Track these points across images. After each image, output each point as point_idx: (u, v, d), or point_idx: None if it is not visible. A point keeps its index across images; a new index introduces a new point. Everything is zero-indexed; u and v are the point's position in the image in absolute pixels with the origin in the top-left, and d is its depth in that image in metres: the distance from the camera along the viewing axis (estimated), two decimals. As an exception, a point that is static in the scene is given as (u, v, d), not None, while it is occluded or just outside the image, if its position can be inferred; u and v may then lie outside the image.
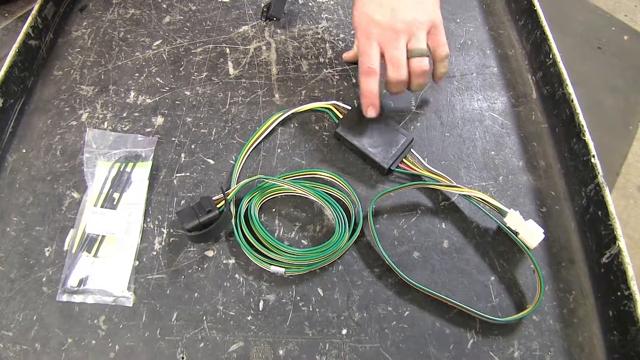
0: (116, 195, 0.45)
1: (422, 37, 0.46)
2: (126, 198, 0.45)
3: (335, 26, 0.61)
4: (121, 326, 0.40)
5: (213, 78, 0.55)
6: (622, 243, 0.41)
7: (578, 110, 0.49)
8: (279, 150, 0.50)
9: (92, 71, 0.55)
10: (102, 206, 0.45)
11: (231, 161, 0.49)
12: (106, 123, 0.51)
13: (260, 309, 0.41)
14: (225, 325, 0.40)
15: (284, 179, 0.45)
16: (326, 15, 0.62)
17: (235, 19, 0.61)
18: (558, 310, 0.42)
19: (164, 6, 0.62)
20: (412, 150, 0.49)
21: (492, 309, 0.42)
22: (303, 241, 0.45)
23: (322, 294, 0.42)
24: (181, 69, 0.56)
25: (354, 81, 0.55)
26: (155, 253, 0.43)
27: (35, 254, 0.43)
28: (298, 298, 0.42)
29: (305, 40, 0.59)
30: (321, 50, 0.58)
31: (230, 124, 0.51)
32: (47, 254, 0.43)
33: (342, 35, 0.60)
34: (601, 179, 0.44)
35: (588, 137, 0.47)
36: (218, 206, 0.43)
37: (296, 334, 0.40)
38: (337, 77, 0.56)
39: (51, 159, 0.48)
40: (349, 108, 0.51)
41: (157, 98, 0.53)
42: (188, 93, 0.54)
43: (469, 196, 0.45)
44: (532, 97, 0.56)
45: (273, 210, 0.46)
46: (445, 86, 0.56)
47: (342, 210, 0.45)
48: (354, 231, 0.44)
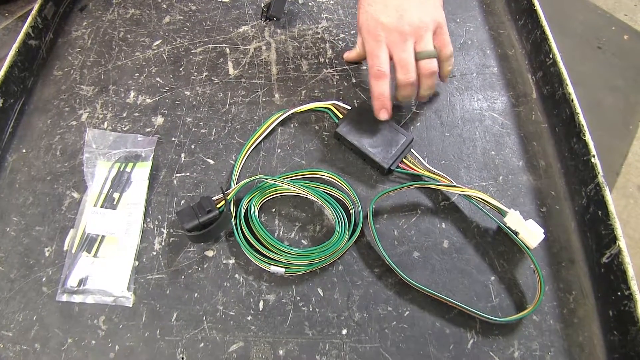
0: (116, 195, 0.45)
1: (429, 39, 0.47)
2: (126, 198, 0.45)
3: (335, 26, 0.61)
4: (121, 326, 0.40)
5: (213, 78, 0.55)
6: (622, 243, 0.41)
7: (578, 110, 0.49)
8: (279, 150, 0.50)
9: (92, 71, 0.55)
10: (102, 206, 0.45)
11: (231, 161, 0.49)
12: (106, 123, 0.51)
13: (260, 309, 0.41)
14: (225, 325, 0.40)
15: (284, 179, 0.45)
16: (326, 15, 0.62)
17: (235, 19, 0.61)
18: (558, 310, 0.42)
19: (164, 6, 0.62)
20: (412, 150, 0.49)
21: (492, 309, 0.42)
22: (303, 241, 0.44)
23: (322, 294, 0.42)
24: (181, 69, 0.56)
25: (354, 81, 0.55)
26: (155, 253, 0.43)
27: (35, 254, 0.43)
28: (298, 298, 0.42)
29: (305, 40, 0.59)
30: (321, 50, 0.58)
31: (230, 124, 0.51)
32: (47, 254, 0.43)
33: (342, 35, 0.60)
34: (601, 179, 0.44)
35: (588, 137, 0.47)
36: (218, 206, 0.43)
37: (296, 334, 0.40)
38: (337, 77, 0.56)
39: (51, 159, 0.48)
40: (349, 108, 0.51)
41: (157, 98, 0.53)
42: (188, 93, 0.54)
43: (469, 196, 0.45)
44: (532, 97, 0.55)
45: (273, 210, 0.46)
46: (445, 86, 0.56)
47: (342, 210, 0.45)
48: (354, 231, 0.44)
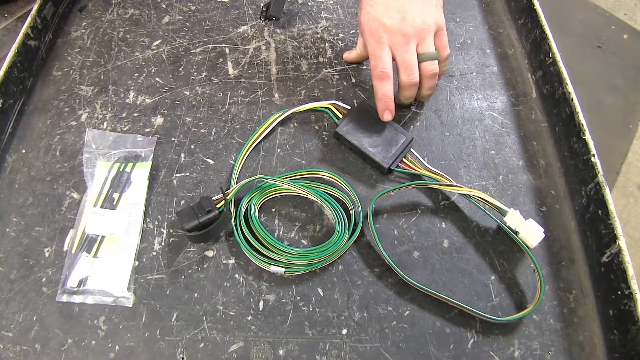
0: (116, 195, 0.45)
1: (431, 41, 0.48)
2: (126, 198, 0.45)
3: (334, 26, 0.60)
4: (121, 326, 0.40)
5: (212, 78, 0.55)
6: (623, 242, 0.41)
7: (578, 109, 0.49)
8: (279, 150, 0.50)
9: (92, 71, 0.55)
10: (102, 206, 0.45)
11: (231, 161, 0.49)
12: (106, 123, 0.51)
13: (260, 309, 0.41)
14: (225, 325, 0.40)
15: (284, 179, 0.45)
16: (325, 14, 0.62)
17: (234, 19, 0.61)
18: (558, 309, 0.42)
19: (163, 6, 0.62)
20: (412, 149, 0.49)
21: (493, 309, 0.42)
22: (303, 241, 0.44)
23: (322, 294, 0.42)
24: (180, 69, 0.56)
25: (354, 81, 0.55)
26: (155, 253, 0.43)
27: (35, 255, 0.43)
28: (298, 298, 0.42)
29: (304, 40, 0.59)
30: (321, 49, 0.58)
31: (229, 124, 0.51)
32: (47, 255, 0.43)
33: (342, 34, 0.60)
34: (601, 178, 0.44)
35: (588, 136, 0.47)
36: (218, 206, 0.43)
37: (296, 334, 0.40)
38: (337, 77, 0.56)
39: (51, 160, 0.48)
40: (349, 108, 0.51)
41: (157, 98, 0.53)
42: (187, 93, 0.54)
43: (469, 195, 0.45)
44: (532, 96, 0.55)
45: (273, 210, 0.46)
46: (444, 85, 0.56)
47: (342, 210, 0.45)
48: (354, 231, 0.44)
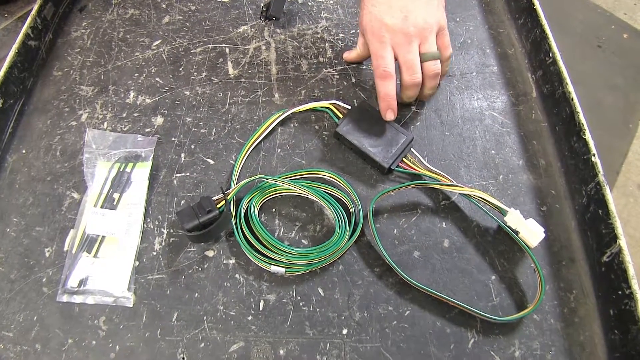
0: (116, 195, 0.45)
1: (433, 41, 0.47)
2: (126, 198, 0.45)
3: (334, 26, 0.60)
4: (121, 327, 0.40)
5: (213, 78, 0.55)
6: (623, 242, 0.41)
7: (578, 108, 0.49)
8: (279, 150, 0.50)
9: (92, 71, 0.55)
10: (102, 206, 0.45)
11: (231, 161, 0.49)
12: (106, 123, 0.51)
13: (260, 309, 0.41)
14: (225, 325, 0.40)
15: (284, 179, 0.45)
16: (325, 14, 0.62)
17: (234, 19, 0.61)
18: (559, 309, 0.42)
19: (163, 6, 0.62)
20: (412, 149, 0.49)
21: (493, 309, 0.42)
22: (303, 241, 0.44)
23: (323, 294, 0.42)
24: (181, 69, 0.56)
25: (354, 80, 0.55)
26: (155, 253, 0.43)
27: (35, 255, 0.43)
28: (298, 298, 0.42)
29: (304, 39, 0.59)
30: (321, 49, 0.58)
31: (230, 124, 0.51)
32: (47, 255, 0.43)
33: (342, 34, 0.60)
34: (601, 178, 0.44)
35: (588, 136, 0.47)
36: (218, 206, 0.43)
37: (297, 334, 0.40)
38: (337, 77, 0.56)
39: (51, 160, 0.48)
40: (349, 107, 0.51)
41: (157, 98, 0.53)
42: (188, 93, 0.54)
43: (469, 195, 0.45)
44: (532, 96, 0.55)
45: (273, 210, 0.46)
46: (445, 85, 0.56)
47: (342, 209, 0.45)
48: (354, 231, 0.44)
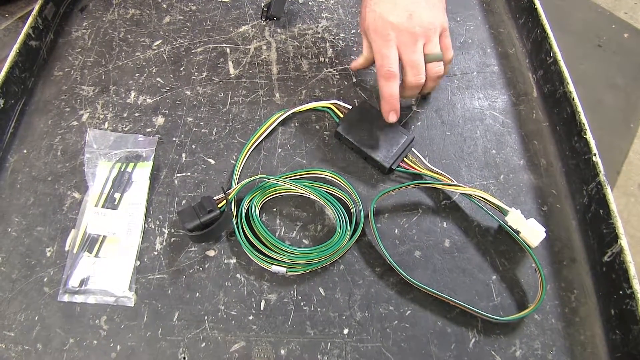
0: (117, 195, 0.45)
1: (437, 41, 0.47)
2: (127, 198, 0.45)
3: (335, 25, 0.60)
4: (122, 326, 0.40)
5: (213, 78, 0.55)
6: (624, 241, 0.41)
7: (579, 108, 0.49)
8: (280, 149, 0.50)
9: (93, 71, 0.55)
10: (103, 206, 0.45)
11: (232, 161, 0.49)
12: (107, 123, 0.51)
13: (261, 309, 0.41)
14: (226, 325, 0.40)
15: (285, 179, 0.45)
16: (326, 14, 0.62)
17: (235, 19, 0.61)
18: (560, 309, 0.42)
19: (164, 6, 0.62)
20: (413, 149, 0.49)
21: (494, 308, 0.42)
22: (304, 241, 0.44)
23: (324, 294, 0.42)
24: (181, 69, 0.56)
25: (355, 80, 0.55)
26: (156, 253, 0.43)
27: (36, 255, 0.43)
28: (299, 298, 0.42)
29: (305, 39, 0.59)
30: (321, 49, 0.58)
31: (230, 124, 0.51)
32: (49, 255, 0.43)
33: (342, 34, 0.60)
34: (602, 178, 0.44)
35: (589, 136, 0.47)
36: (219, 206, 0.43)
37: (298, 334, 0.40)
38: (338, 77, 0.56)
39: (52, 160, 0.48)
40: (350, 107, 0.51)
41: (158, 98, 0.53)
42: (188, 93, 0.54)
43: (470, 195, 0.45)
44: (533, 96, 0.55)
45: (274, 209, 0.46)
46: (445, 85, 0.56)
47: (343, 209, 0.45)
48: (355, 230, 0.44)
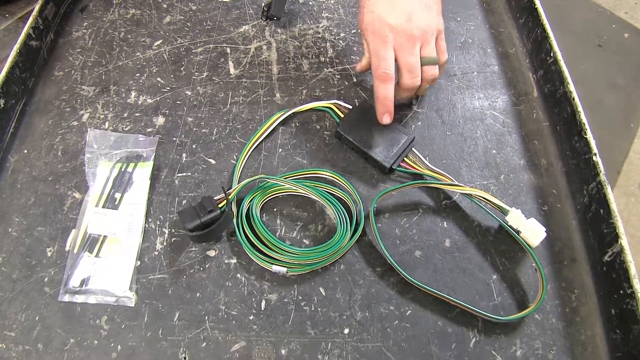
0: (117, 195, 0.45)
1: (434, 44, 0.47)
2: (127, 198, 0.45)
3: (335, 25, 0.60)
4: (123, 326, 0.40)
5: (214, 78, 0.55)
6: (624, 241, 0.41)
7: (579, 108, 0.49)
8: (280, 149, 0.50)
9: (93, 71, 0.55)
10: (104, 206, 0.45)
11: (232, 161, 0.49)
12: (107, 123, 0.51)
13: (262, 309, 0.41)
14: (227, 325, 0.40)
15: (286, 179, 0.45)
16: (327, 14, 0.62)
17: (235, 19, 0.61)
18: (560, 308, 0.42)
19: (165, 6, 0.62)
20: (414, 149, 0.49)
21: (494, 308, 0.42)
22: (305, 241, 0.44)
23: (324, 294, 0.42)
24: (182, 69, 0.56)
25: (355, 80, 0.55)
26: (157, 253, 0.43)
27: (37, 255, 0.43)
28: (300, 297, 0.42)
29: (305, 39, 0.59)
30: (322, 49, 0.58)
31: (231, 124, 0.51)
32: (49, 255, 0.43)
33: (343, 34, 0.60)
34: (603, 177, 0.44)
35: (589, 135, 0.47)
36: (220, 206, 0.43)
37: (298, 334, 0.40)
38: (338, 77, 0.56)
39: (52, 160, 0.48)
40: (350, 107, 0.51)
41: (158, 98, 0.53)
42: (189, 93, 0.54)
43: (471, 195, 0.45)
44: (533, 96, 0.55)
45: (274, 209, 0.46)
46: (446, 85, 0.56)
47: (344, 209, 0.45)
48: (356, 230, 0.44)
